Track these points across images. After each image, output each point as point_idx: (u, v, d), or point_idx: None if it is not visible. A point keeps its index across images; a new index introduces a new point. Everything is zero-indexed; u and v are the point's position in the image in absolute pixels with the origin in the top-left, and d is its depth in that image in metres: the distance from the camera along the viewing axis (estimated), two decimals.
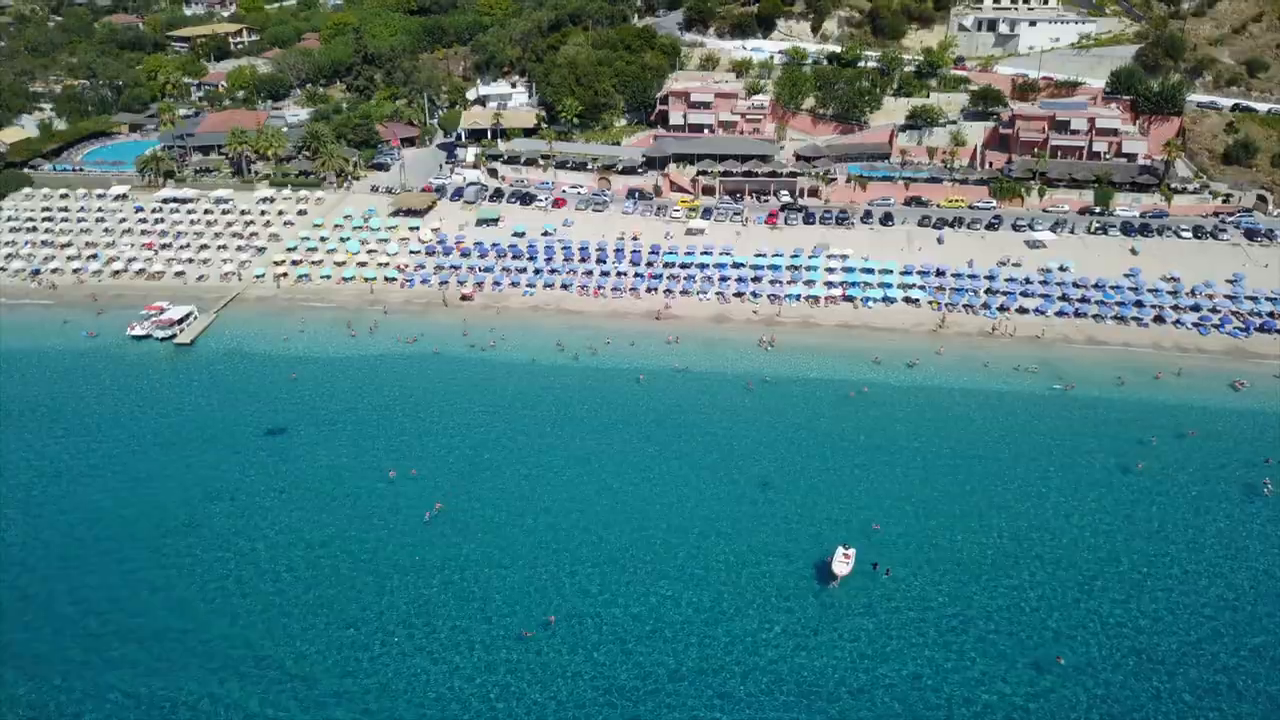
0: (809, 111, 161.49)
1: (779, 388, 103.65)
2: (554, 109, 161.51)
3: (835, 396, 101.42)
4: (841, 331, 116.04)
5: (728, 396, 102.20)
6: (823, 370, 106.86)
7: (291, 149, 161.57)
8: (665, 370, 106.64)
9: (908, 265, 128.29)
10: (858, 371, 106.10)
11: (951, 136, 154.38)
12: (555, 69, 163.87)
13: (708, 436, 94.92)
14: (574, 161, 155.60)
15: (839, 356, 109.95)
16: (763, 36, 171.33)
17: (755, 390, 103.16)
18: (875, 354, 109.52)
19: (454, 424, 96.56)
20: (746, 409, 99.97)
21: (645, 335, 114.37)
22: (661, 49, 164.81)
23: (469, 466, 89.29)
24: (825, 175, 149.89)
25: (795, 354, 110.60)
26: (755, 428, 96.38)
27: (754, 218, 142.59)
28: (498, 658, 66.21)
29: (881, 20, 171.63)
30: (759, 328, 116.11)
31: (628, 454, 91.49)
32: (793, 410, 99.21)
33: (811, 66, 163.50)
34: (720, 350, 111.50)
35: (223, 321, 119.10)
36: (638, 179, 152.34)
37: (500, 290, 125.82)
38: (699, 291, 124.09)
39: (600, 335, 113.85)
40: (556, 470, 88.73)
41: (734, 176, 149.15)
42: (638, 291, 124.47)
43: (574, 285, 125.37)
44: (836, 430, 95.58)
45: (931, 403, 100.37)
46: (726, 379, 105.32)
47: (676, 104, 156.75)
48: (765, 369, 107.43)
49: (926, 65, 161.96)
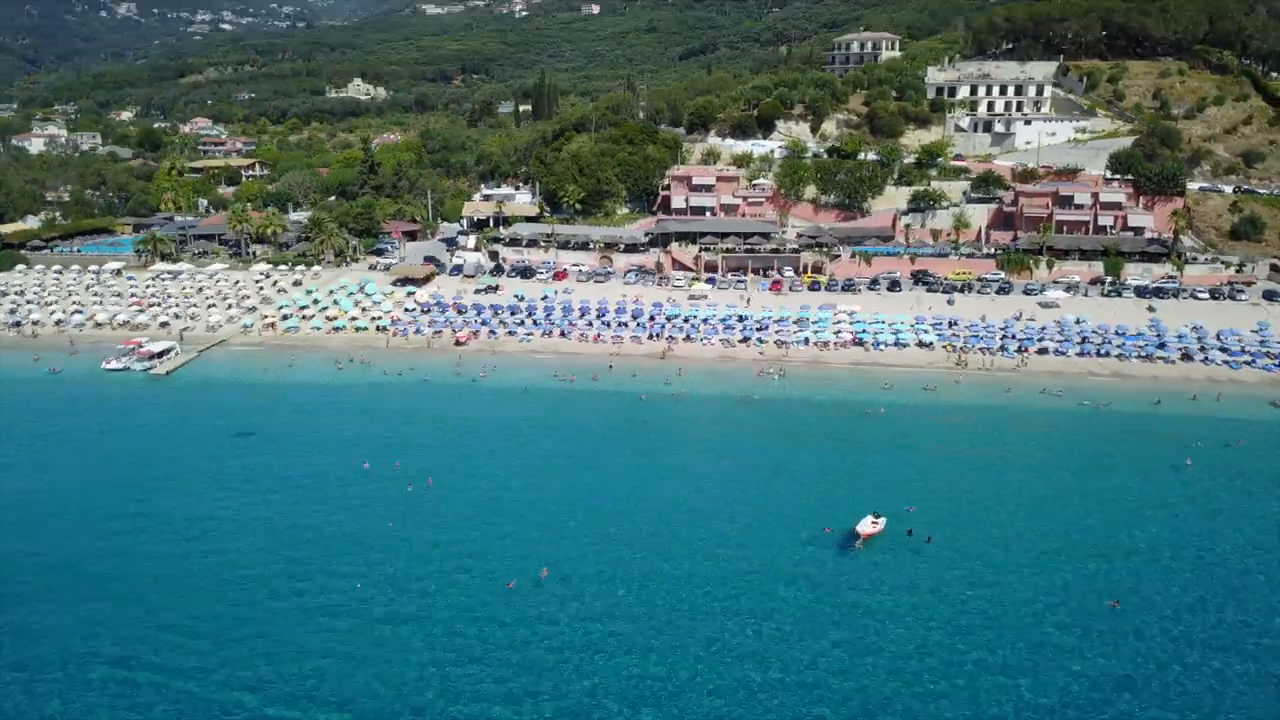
0: (810, 201, 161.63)
1: (790, 407, 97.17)
2: (556, 197, 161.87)
3: (851, 415, 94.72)
4: (853, 367, 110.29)
5: (738, 412, 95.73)
6: (836, 394, 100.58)
7: (292, 237, 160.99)
8: (669, 392, 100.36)
9: (919, 316, 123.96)
10: (873, 395, 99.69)
11: (955, 219, 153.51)
12: (558, 160, 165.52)
13: (718, 440, 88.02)
14: (576, 242, 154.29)
15: (852, 383, 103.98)
16: (763, 137, 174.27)
17: (765, 409, 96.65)
18: (890, 381, 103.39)
19: (443, 429, 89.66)
20: (758, 422, 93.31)
21: (647, 368, 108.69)
22: (664, 143, 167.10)
23: (457, 454, 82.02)
24: (829, 252, 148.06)
25: (805, 381, 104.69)
26: (769, 436, 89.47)
27: (758, 285, 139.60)
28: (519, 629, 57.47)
29: (880, 121, 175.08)
30: (766, 364, 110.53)
31: (635, 451, 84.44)
32: (807, 424, 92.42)
33: (812, 159, 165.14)
34: (727, 379, 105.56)
35: (205, 359, 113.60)
36: (640, 256, 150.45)
37: (496, 338, 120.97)
38: (702, 338, 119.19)
39: (600, 366, 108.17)
40: (565, 465, 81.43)
41: (737, 253, 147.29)
42: (639, 339, 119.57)
43: (573, 334, 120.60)
44: (856, 437, 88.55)
45: (956, 419, 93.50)
46: (734, 399, 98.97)
47: (678, 188, 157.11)
48: (775, 392, 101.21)
49: (926, 156, 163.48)
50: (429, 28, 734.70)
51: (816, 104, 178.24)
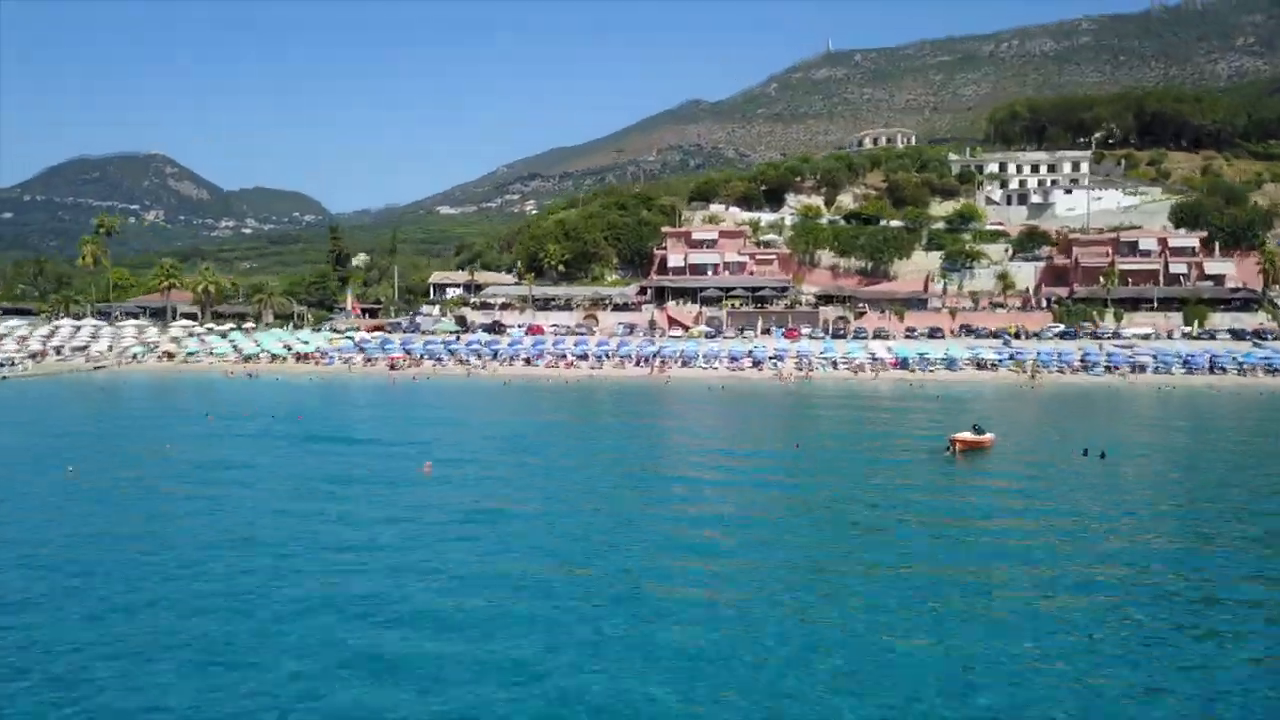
0: (829, 268, 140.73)
1: (825, 399, 71.84)
2: (537, 259, 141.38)
3: (912, 405, 69.36)
4: (898, 382, 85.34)
5: (758, 395, 70.57)
6: (884, 394, 75.45)
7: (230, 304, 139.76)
8: (657, 385, 75.39)
9: (973, 346, 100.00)
10: (931, 394, 74.55)
11: (999, 279, 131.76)
12: (540, 223, 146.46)
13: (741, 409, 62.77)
14: (557, 303, 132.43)
15: (900, 390, 78.88)
16: (771, 211, 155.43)
17: (795, 399, 71.44)
18: (947, 392, 78.50)
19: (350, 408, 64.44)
20: (785, 403, 68.02)
21: (633, 378, 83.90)
22: (660, 210, 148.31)
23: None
24: (854, 308, 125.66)
25: (839, 386, 79.63)
26: (802, 417, 64.11)
27: (773, 332, 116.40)
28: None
29: (901, 193, 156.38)
30: (783, 380, 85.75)
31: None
32: (854, 409, 67.10)
33: (829, 224, 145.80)
34: (731, 385, 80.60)
35: (75, 373, 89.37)
36: (630, 315, 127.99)
37: (442, 364, 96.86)
38: (702, 362, 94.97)
39: (570, 384, 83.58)
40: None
41: (745, 311, 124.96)
42: (624, 363, 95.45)
43: (542, 363, 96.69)
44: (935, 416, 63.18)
45: (1054, 399, 68.10)
46: (746, 391, 73.87)
47: (675, 246, 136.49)
48: (801, 391, 76.08)
49: (958, 218, 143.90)
50: (440, 224, 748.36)
51: (832, 175, 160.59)
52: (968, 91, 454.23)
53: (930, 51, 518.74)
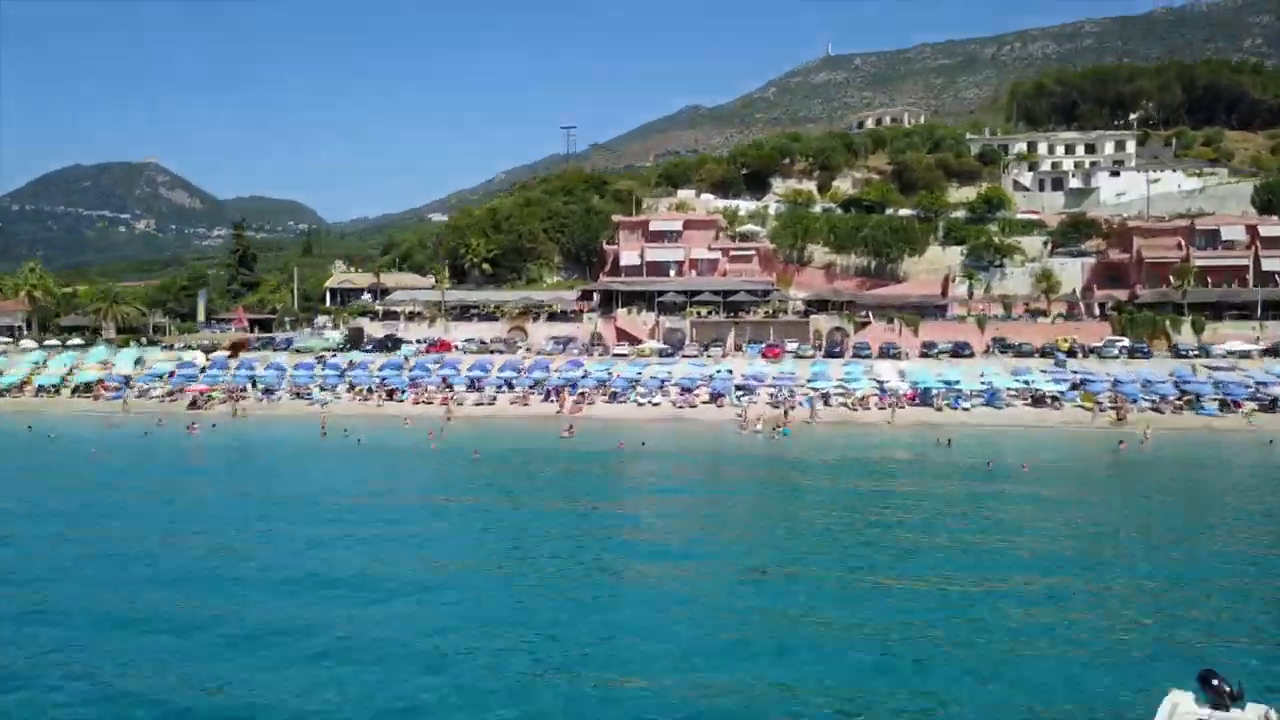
0: (822, 268, 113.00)
1: (809, 470, 43.94)
2: (459, 256, 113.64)
3: (954, 490, 41.43)
4: (919, 428, 57.30)
5: (703, 455, 42.67)
6: (899, 457, 47.50)
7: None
8: (550, 437, 47.56)
9: (1017, 369, 72.13)
10: (975, 460, 46.50)
11: (1037, 278, 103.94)
12: (466, 214, 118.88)
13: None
14: (482, 311, 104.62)
15: (923, 445, 50.88)
16: (753, 199, 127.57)
17: (759, 467, 43.59)
18: (995, 457, 50.47)
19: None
20: (738, 481, 40.13)
21: (531, 420, 56.00)
22: (616, 196, 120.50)
23: None
24: (853, 317, 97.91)
25: (833, 437, 51.72)
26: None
27: (747, 349, 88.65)
28: None
29: (911, 176, 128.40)
30: (752, 422, 57.47)
31: None
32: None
33: (823, 212, 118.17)
34: (668, 437, 52.61)
35: None
36: (568, 326, 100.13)
37: (272, 399, 68.84)
38: (640, 396, 66.95)
39: (437, 435, 55.63)
40: None
41: (716, 321, 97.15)
42: (523, 395, 67.53)
43: (408, 397, 68.78)
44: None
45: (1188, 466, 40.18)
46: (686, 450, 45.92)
47: (629, 239, 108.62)
48: (775, 448, 48.13)
49: (982, 205, 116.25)
50: (434, 231, 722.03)
51: (827, 156, 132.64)
52: (969, 94, 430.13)
53: (930, 55, 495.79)
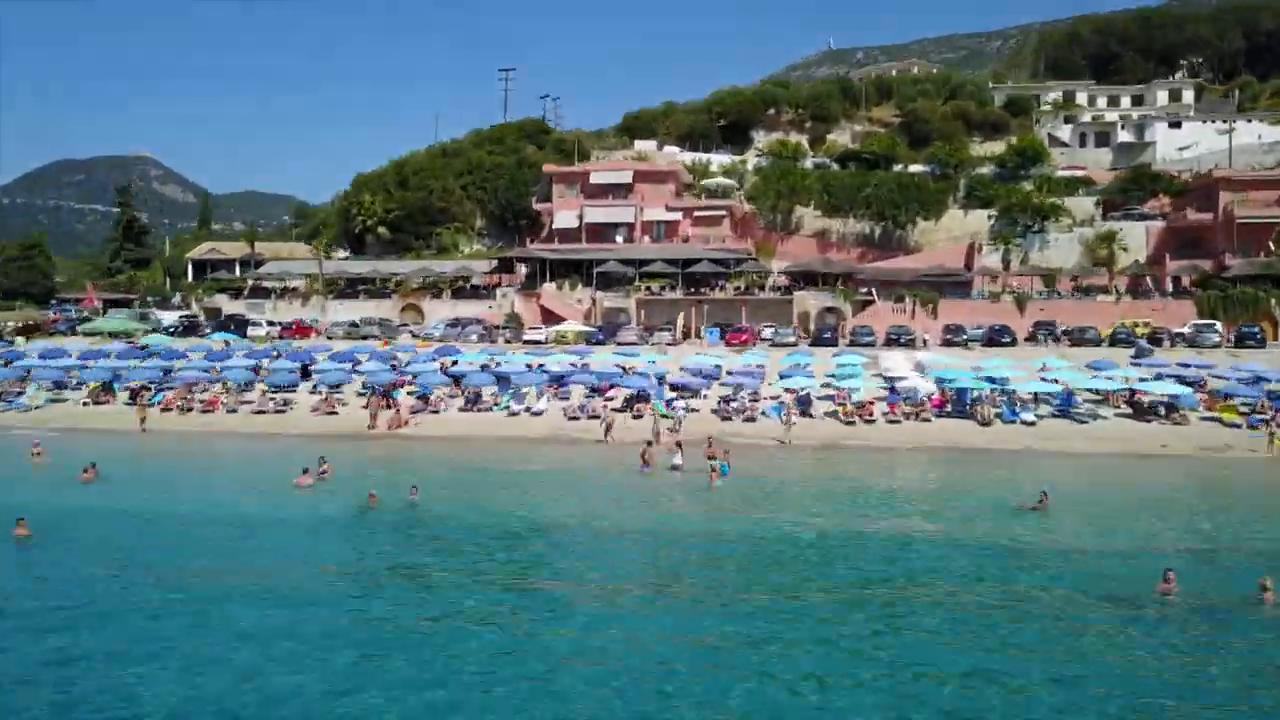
0: (814, 236, 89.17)
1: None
2: (351, 218, 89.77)
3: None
4: (965, 455, 33.34)
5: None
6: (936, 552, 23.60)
7: None
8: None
9: (1100, 363, 48.24)
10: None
11: (1089, 246, 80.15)
12: (372, 175, 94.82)
13: None
14: (374, 287, 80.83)
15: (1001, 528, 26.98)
16: (733, 152, 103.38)
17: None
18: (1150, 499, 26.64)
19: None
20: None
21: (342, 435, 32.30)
22: (558, 148, 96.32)
23: None
24: (853, 294, 74.10)
25: (811, 477, 27.82)
26: None
27: (705, 334, 64.83)
28: None
29: (923, 128, 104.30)
30: (668, 449, 33.30)
31: None
32: None
33: (815, 168, 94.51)
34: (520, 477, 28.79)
35: None
36: (476, 306, 76.15)
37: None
38: (510, 401, 42.86)
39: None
40: None
41: (671, 297, 73.20)
42: (327, 402, 43.47)
43: (204, 397, 44.74)
44: None
45: None
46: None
47: (564, 196, 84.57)
48: (692, 513, 24.38)
49: (1014, 158, 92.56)
50: None
51: (821, 104, 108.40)
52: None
53: (933, 49, 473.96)
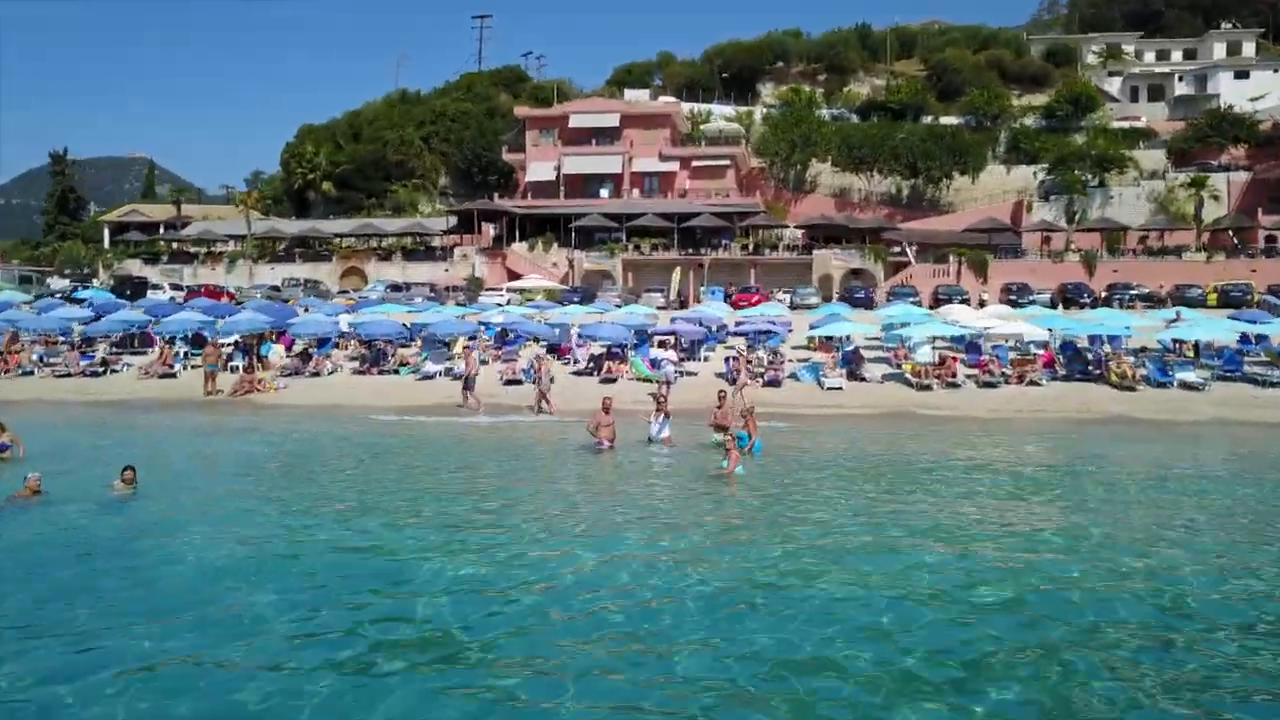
0: (833, 196, 76.24)
1: None
2: (290, 170, 76.88)
3: None
4: (1109, 425, 20.40)
5: None
6: None
7: None
8: None
9: (1247, 314, 35.19)
10: None
11: (1160, 200, 67.35)
12: (321, 127, 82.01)
13: None
14: (314, 250, 67.96)
15: None
16: (734, 104, 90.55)
17: None
18: None
19: None
20: None
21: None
22: (536, 96, 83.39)
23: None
24: (884, 253, 61.31)
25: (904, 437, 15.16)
26: None
27: (707, 295, 51.94)
28: None
29: (953, 80, 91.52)
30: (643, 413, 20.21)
31: None
32: None
33: (834, 119, 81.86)
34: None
35: None
36: (431, 267, 63.18)
37: None
38: (428, 360, 29.75)
39: None
40: None
41: (664, 258, 60.27)
42: (164, 357, 30.41)
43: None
44: None
45: None
46: None
47: (541, 146, 71.62)
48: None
49: (1065, 106, 79.90)
50: None
51: (837, 54, 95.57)
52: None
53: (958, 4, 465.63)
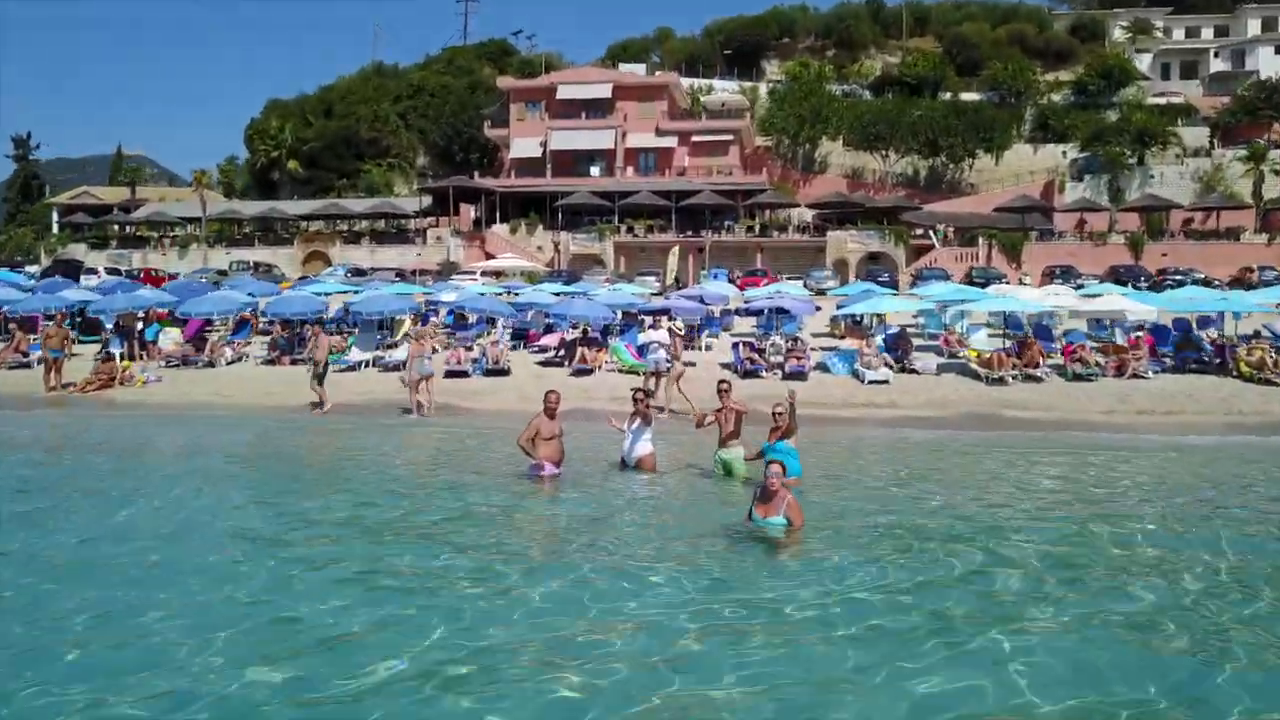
0: (845, 176, 69.94)
1: None
2: (255, 151, 70.59)
3: None
4: None
5: None
6: None
7: None
8: None
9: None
10: None
11: (1206, 180, 61.16)
12: (290, 102, 75.69)
13: None
14: (281, 230, 61.71)
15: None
16: (737, 81, 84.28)
17: None
18: None
19: None
20: None
21: None
22: (524, 70, 77.07)
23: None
24: (905, 233, 55.03)
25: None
26: None
27: (707, 276, 45.46)
28: None
29: (972, 55, 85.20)
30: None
31: None
32: None
33: (844, 95, 75.63)
34: None
35: None
36: (402, 250, 56.80)
37: None
38: (354, 347, 23.19)
39: None
40: None
41: (660, 240, 53.91)
42: (17, 343, 23.90)
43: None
44: None
45: None
46: None
47: (525, 121, 65.27)
48: None
49: (1096, 80, 73.71)
50: None
51: (847, 28, 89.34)
52: None
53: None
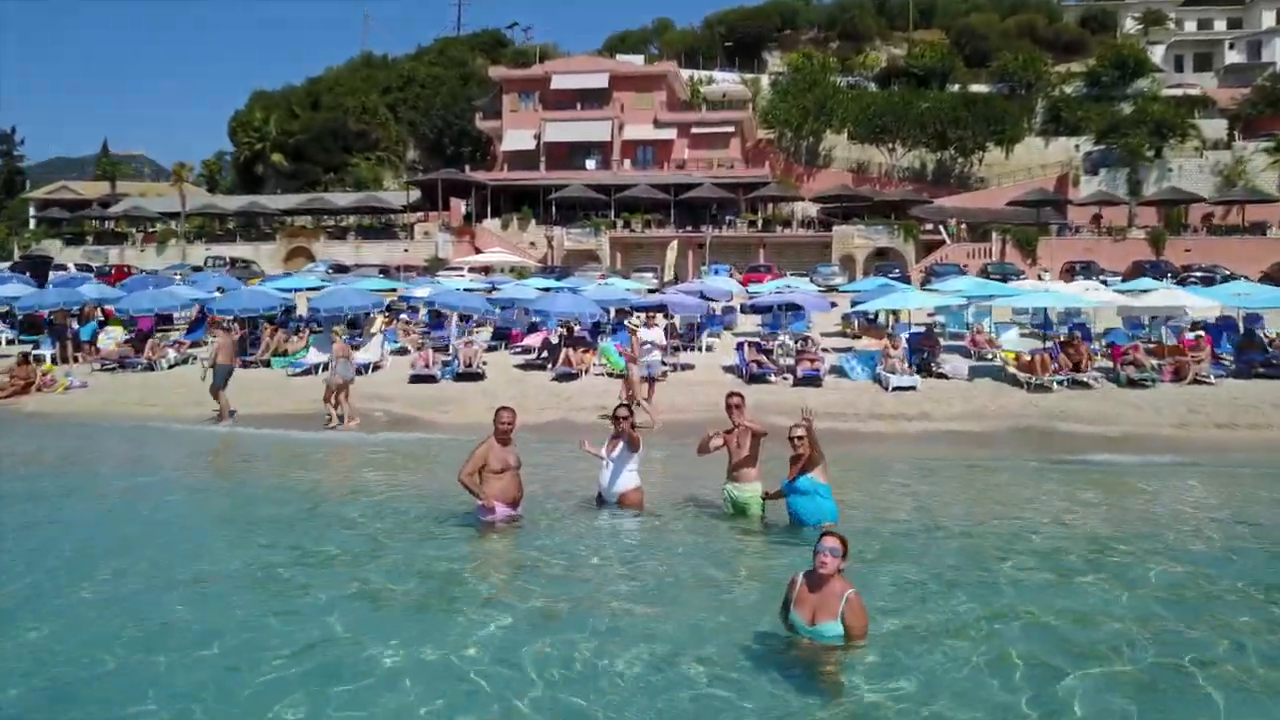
0: (851, 171, 67.58)
1: None
2: (239, 144, 68.20)
3: None
4: None
5: None
6: None
7: None
8: None
9: None
10: None
11: (1227, 174, 58.84)
12: (276, 94, 73.29)
13: None
14: (264, 225, 59.38)
15: None
16: (738, 72, 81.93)
17: None
18: None
19: None
20: None
21: None
22: (518, 61, 74.70)
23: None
24: (915, 228, 52.62)
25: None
26: None
27: (708, 271, 42.98)
28: None
29: (980, 47, 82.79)
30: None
31: None
32: None
33: (850, 87, 73.35)
34: None
35: None
36: (389, 246, 54.39)
37: None
38: (313, 346, 20.60)
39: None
40: None
41: (659, 235, 51.53)
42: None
43: None
44: None
45: None
46: None
47: (518, 112, 62.90)
48: None
49: (1110, 71, 71.36)
50: None
51: (851, 19, 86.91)
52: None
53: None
